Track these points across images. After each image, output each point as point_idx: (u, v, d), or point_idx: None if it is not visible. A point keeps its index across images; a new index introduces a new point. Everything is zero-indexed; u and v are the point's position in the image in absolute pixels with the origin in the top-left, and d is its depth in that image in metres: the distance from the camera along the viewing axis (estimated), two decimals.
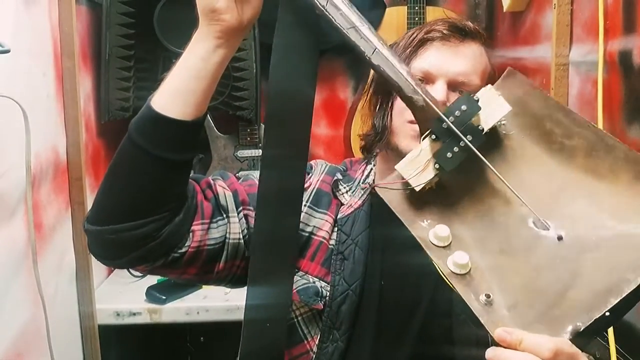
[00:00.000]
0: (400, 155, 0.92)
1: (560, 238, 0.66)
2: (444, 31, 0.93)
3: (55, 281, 1.29)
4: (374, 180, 1.01)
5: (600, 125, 1.18)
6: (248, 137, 1.79)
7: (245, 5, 0.75)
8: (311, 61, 0.81)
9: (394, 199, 0.72)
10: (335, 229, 0.95)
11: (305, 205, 0.96)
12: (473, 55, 0.94)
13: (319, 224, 0.95)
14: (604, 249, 0.64)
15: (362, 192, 0.99)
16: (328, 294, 0.92)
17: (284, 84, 0.78)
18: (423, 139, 0.72)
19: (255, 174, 0.98)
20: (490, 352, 0.62)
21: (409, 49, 0.95)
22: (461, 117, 0.70)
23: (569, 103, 1.44)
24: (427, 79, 0.92)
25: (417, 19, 1.83)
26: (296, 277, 0.92)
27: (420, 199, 0.72)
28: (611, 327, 1.05)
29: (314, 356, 0.91)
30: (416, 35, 0.95)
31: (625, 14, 1.18)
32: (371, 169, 1.02)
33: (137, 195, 0.79)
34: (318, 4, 0.72)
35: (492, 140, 0.73)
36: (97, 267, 1.53)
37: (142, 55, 1.66)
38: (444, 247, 0.68)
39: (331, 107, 2.08)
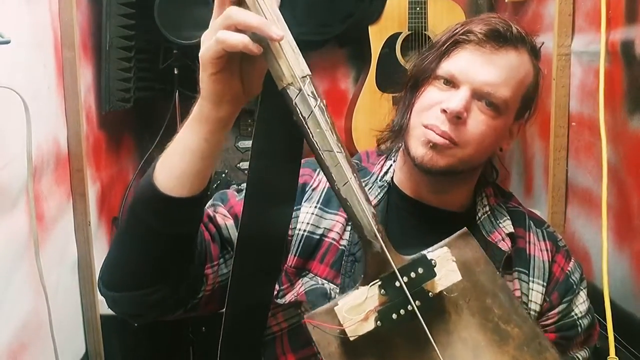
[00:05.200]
0: (410, 157, 0.91)
1: None
2: (480, 35, 0.88)
3: (57, 272, 1.30)
4: (392, 177, 0.99)
5: (601, 116, 1.17)
6: (248, 127, 1.79)
7: (252, 87, 0.73)
8: (293, 169, 0.78)
9: (323, 340, 0.70)
10: (348, 228, 0.93)
11: (315, 207, 0.94)
12: (508, 66, 0.88)
13: (329, 225, 0.93)
14: None
15: (380, 190, 0.97)
16: (337, 296, 0.89)
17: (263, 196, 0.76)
18: (371, 286, 0.70)
19: None
20: None
21: (442, 48, 0.91)
22: (415, 280, 0.69)
23: (570, 93, 1.44)
24: (452, 82, 0.89)
25: (418, 9, 1.82)
26: (305, 279, 0.91)
27: (352, 347, 0.70)
28: (610, 317, 1.05)
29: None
30: (455, 32, 0.91)
31: (628, 4, 1.18)
32: (391, 164, 1.00)
33: (151, 266, 0.79)
34: (299, 112, 0.68)
35: (435, 300, 0.71)
36: (99, 258, 1.53)
37: (142, 46, 1.66)
38: None
39: (332, 98, 2.07)
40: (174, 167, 0.75)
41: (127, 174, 1.86)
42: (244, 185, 0.82)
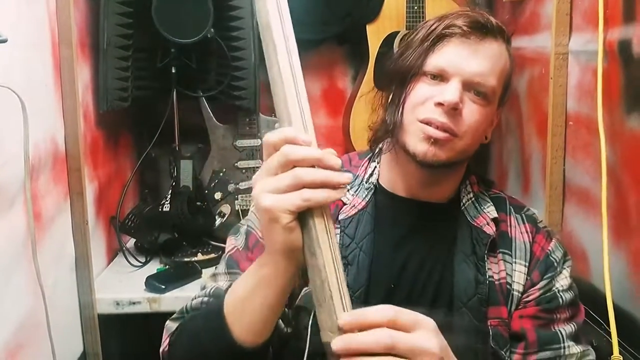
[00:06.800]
0: (408, 154, 0.93)
1: None
2: (464, 27, 0.91)
3: (54, 271, 1.30)
4: (377, 179, 1.00)
5: (599, 115, 1.17)
6: (247, 126, 1.78)
7: None
8: None
9: None
10: (338, 230, 0.94)
11: None
12: (492, 55, 0.92)
13: None
14: None
15: (367, 192, 0.98)
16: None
17: None
18: None
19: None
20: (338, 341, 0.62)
21: (427, 43, 0.93)
22: None
23: (568, 93, 1.44)
24: (442, 76, 0.91)
25: (416, 8, 1.82)
26: (305, 288, 0.92)
27: None
28: (613, 318, 1.05)
29: None
30: (435, 28, 0.93)
31: (625, 3, 1.18)
32: (375, 167, 1.01)
33: None
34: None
35: None
36: (97, 257, 1.53)
37: (140, 45, 1.65)
38: None
39: (330, 96, 2.07)
40: (255, 323, 0.76)
41: (125, 172, 1.86)
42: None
